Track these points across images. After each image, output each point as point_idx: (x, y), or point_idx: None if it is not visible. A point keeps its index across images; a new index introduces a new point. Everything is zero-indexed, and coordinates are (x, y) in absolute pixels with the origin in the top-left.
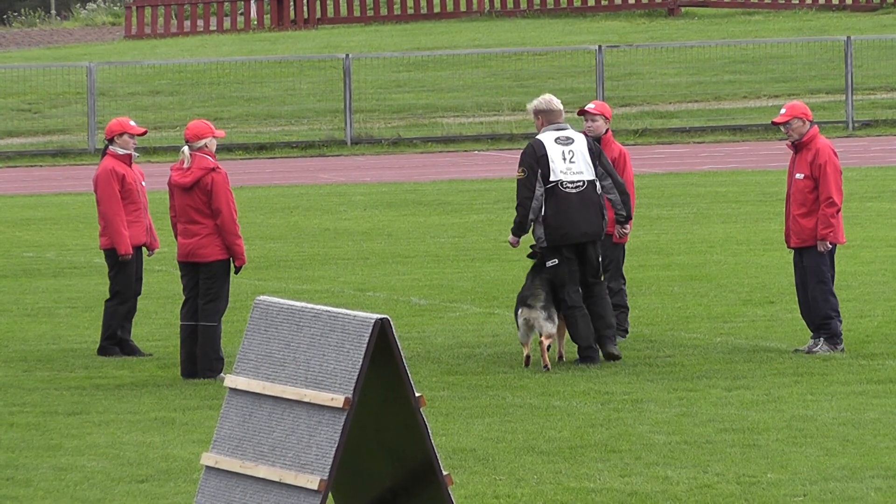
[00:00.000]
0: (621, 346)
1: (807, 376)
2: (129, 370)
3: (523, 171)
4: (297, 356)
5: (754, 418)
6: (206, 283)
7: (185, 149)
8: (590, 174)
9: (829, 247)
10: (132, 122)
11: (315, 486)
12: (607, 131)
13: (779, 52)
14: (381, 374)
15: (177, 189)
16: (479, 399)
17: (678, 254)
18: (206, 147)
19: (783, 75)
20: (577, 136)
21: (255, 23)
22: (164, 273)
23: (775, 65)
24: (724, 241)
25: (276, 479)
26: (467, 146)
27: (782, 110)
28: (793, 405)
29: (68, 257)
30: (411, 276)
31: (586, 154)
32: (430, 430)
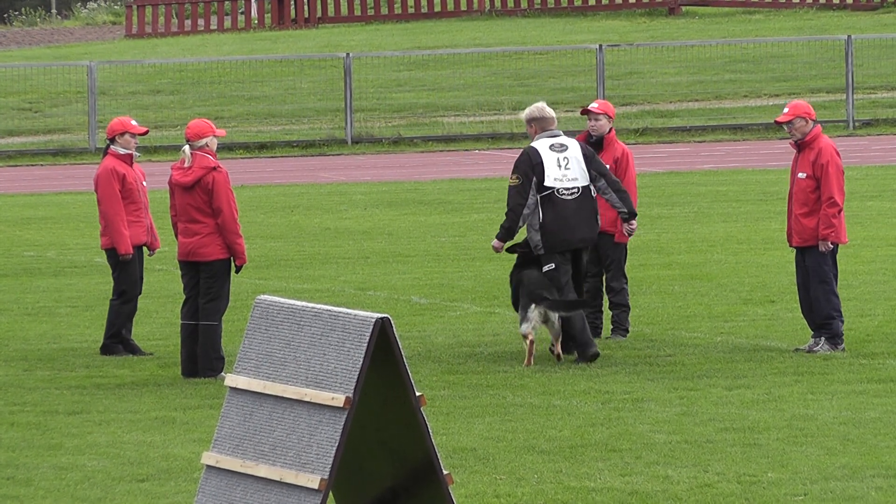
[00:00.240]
0: (622, 346)
1: (807, 375)
2: (130, 369)
3: (518, 178)
4: (298, 355)
5: (755, 417)
6: (207, 283)
7: (185, 148)
8: (584, 180)
9: (831, 247)
10: (133, 122)
11: (316, 486)
12: (611, 130)
13: (779, 52)
14: (382, 374)
15: (178, 188)
16: (479, 398)
17: (679, 253)
18: (207, 146)
19: (784, 74)
20: (571, 142)
21: (256, 22)
22: (165, 272)
23: (776, 64)
24: (724, 240)
25: (277, 479)
26: (468, 145)
27: (785, 109)
28: (793, 404)
29: (69, 256)
30: (412, 275)
31: (581, 160)
32: (430, 430)
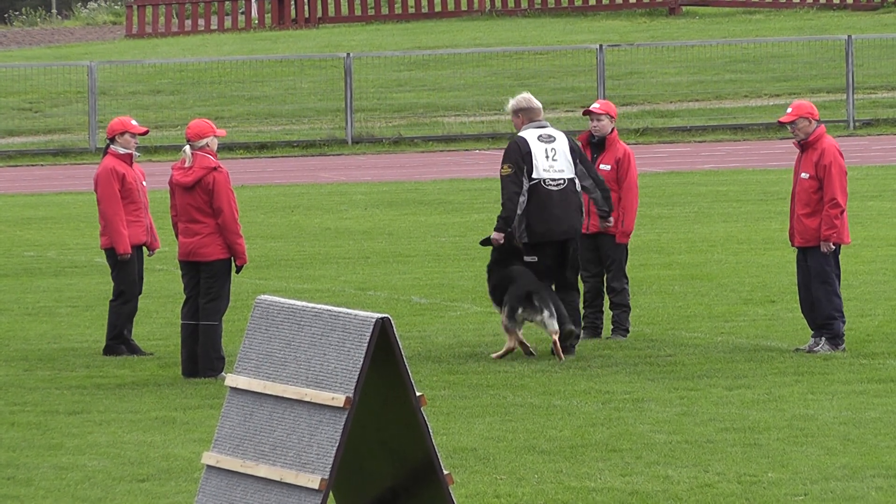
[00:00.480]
0: (622, 346)
1: (808, 375)
2: (130, 369)
3: (510, 167)
4: (298, 355)
5: (755, 417)
6: (207, 283)
7: (186, 148)
8: (570, 172)
9: (833, 247)
10: (134, 122)
11: (316, 486)
12: (613, 130)
13: (780, 52)
14: (382, 374)
15: (178, 188)
16: (479, 398)
17: (679, 253)
18: (208, 146)
19: (784, 74)
20: (559, 134)
21: (256, 22)
22: (165, 272)
23: (776, 64)
24: (725, 240)
25: (277, 479)
26: (468, 145)
27: (788, 109)
28: (794, 404)
29: (69, 256)
30: (412, 275)
31: (567, 153)
32: (430, 430)
